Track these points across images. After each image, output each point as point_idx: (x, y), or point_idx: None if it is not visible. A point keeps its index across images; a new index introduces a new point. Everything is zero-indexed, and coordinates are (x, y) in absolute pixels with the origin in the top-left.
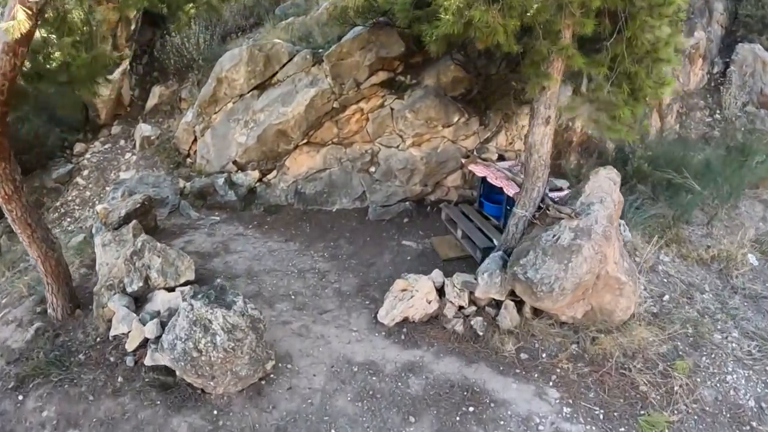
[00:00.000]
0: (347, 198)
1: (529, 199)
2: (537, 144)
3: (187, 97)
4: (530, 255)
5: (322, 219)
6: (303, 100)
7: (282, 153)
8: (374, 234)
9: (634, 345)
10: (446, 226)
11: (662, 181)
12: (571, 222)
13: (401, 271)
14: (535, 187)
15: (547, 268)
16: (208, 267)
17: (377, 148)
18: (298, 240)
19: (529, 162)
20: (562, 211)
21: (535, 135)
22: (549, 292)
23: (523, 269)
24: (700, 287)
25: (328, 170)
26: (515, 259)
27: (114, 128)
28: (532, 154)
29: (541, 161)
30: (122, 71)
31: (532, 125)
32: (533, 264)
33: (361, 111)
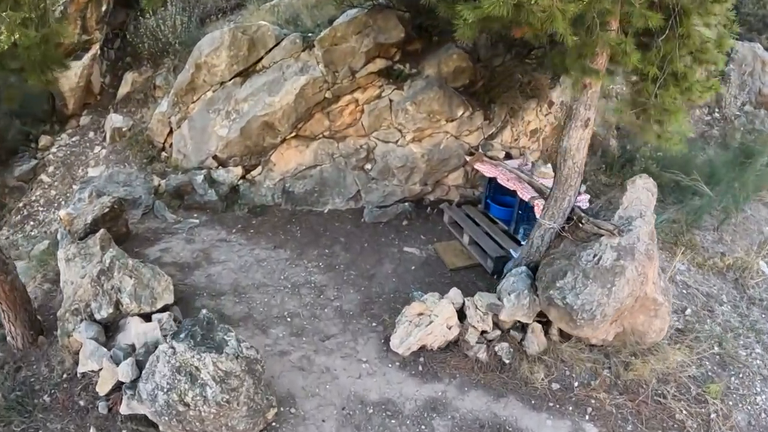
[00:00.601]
0: (340, 198)
1: (559, 210)
2: (572, 149)
3: (162, 85)
4: (568, 277)
5: (313, 221)
6: (292, 89)
7: (268, 147)
8: (372, 239)
9: (668, 369)
10: (449, 229)
11: (670, 183)
12: (612, 239)
13: (406, 283)
14: (566, 196)
15: (589, 293)
16: (188, 282)
17: (373, 143)
18: (288, 246)
19: (562, 168)
20: (601, 226)
21: (571, 139)
22: (590, 319)
23: (560, 293)
24: (719, 298)
25: (319, 167)
26: (550, 280)
27: (83, 119)
28: (566, 160)
29: (576, 168)
30: (92, 56)
31: (569, 128)
32: (572, 288)
33: (356, 102)
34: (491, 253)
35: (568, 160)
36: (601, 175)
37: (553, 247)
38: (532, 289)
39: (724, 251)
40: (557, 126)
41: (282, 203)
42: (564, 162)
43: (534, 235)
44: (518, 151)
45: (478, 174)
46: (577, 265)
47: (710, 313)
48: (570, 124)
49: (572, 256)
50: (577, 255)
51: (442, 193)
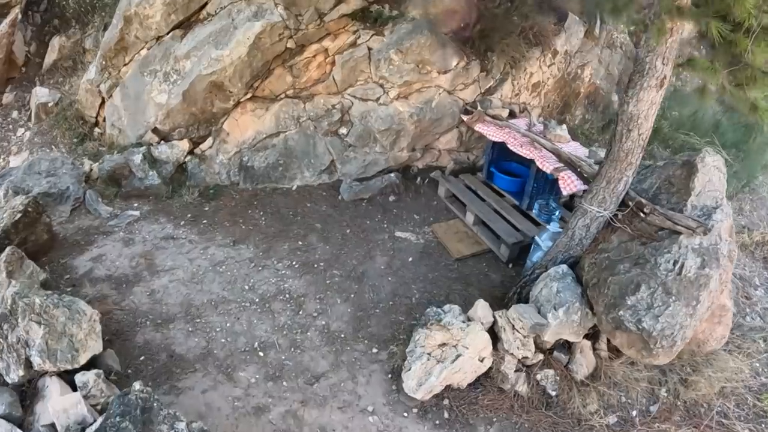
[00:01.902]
0: (310, 171)
1: (612, 194)
2: (641, 116)
3: (91, 48)
4: (643, 292)
5: (279, 203)
6: (244, 39)
7: (218, 114)
8: (354, 223)
9: (725, 380)
10: (446, 205)
11: (684, 145)
12: (692, 239)
13: (406, 282)
14: (623, 176)
15: (671, 314)
16: (126, 304)
17: (348, 102)
18: (251, 241)
19: (623, 141)
20: (678, 221)
21: (640, 102)
22: (670, 346)
23: (634, 314)
24: (752, 281)
25: (283, 134)
26: (618, 295)
27: (6, 96)
28: (631, 131)
29: (641, 141)
30: (11, 22)
31: (637, 87)
32: (649, 307)
33: (326, 52)
34: (506, 239)
35: (633, 131)
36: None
37: (603, 240)
38: (584, 300)
39: (746, 224)
40: (560, 78)
41: (240, 182)
42: (627, 132)
43: (575, 224)
44: (518, 107)
45: (474, 135)
46: (653, 276)
47: (748, 301)
48: (638, 83)
49: (644, 262)
50: (653, 261)
51: (432, 159)
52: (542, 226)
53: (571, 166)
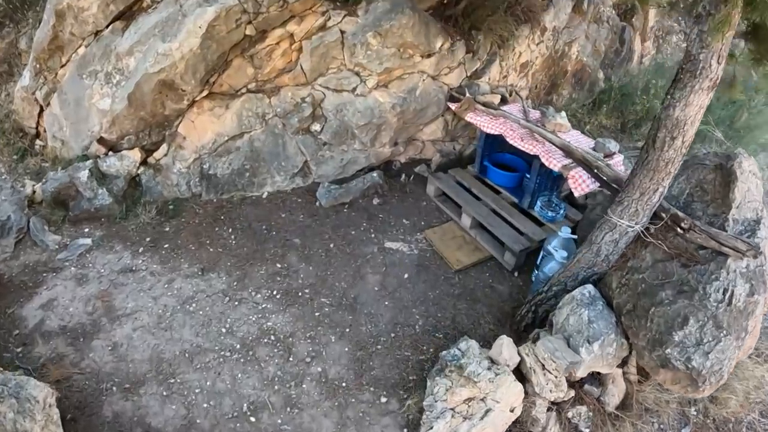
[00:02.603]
0: (282, 175)
1: (645, 206)
2: (688, 122)
3: (26, 49)
4: (691, 326)
5: (250, 215)
6: (195, 29)
7: (171, 116)
8: (337, 233)
9: (752, 391)
10: (437, 204)
11: None
12: (739, 263)
13: (405, 306)
14: (659, 187)
15: (722, 349)
16: (86, 365)
17: (320, 94)
18: (222, 266)
19: (664, 149)
20: (725, 242)
21: (689, 107)
22: (717, 381)
23: (682, 352)
24: None
25: (247, 135)
26: (663, 330)
27: None
28: (675, 138)
29: (683, 149)
30: None
31: (687, 90)
32: (698, 343)
33: (291, 38)
34: (512, 246)
35: (677, 138)
36: (601, 116)
37: (633, 256)
38: (619, 330)
39: None
40: (548, 57)
41: (202, 193)
42: (671, 140)
43: (601, 239)
44: (506, 89)
45: (460, 122)
46: (702, 308)
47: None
48: (689, 84)
49: (689, 290)
50: (701, 291)
51: (416, 152)
52: (546, 226)
53: (583, 164)
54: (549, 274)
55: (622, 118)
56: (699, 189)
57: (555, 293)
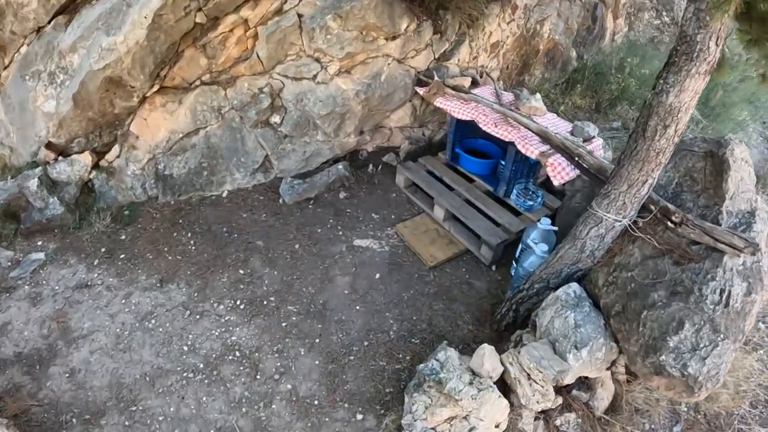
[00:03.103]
0: (242, 171)
1: (634, 198)
2: (682, 109)
3: None
4: (687, 329)
5: (209, 217)
6: (141, 19)
7: (122, 115)
8: (303, 233)
9: (742, 383)
10: (408, 196)
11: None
12: (736, 260)
13: (378, 309)
14: (648, 179)
15: (719, 353)
16: (44, 396)
17: (278, 83)
18: (182, 275)
19: (655, 138)
20: (720, 238)
21: (684, 92)
22: (713, 386)
23: (678, 359)
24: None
25: (203, 131)
26: (658, 336)
27: None
28: (668, 127)
29: (676, 138)
30: None
31: (682, 74)
32: (694, 348)
33: (245, 24)
34: (488, 239)
35: (670, 127)
36: (575, 97)
37: (619, 251)
38: (607, 332)
39: None
40: (519, 36)
41: (159, 195)
42: (663, 129)
43: (586, 233)
44: (476, 71)
45: (429, 107)
46: (698, 311)
47: None
48: (685, 68)
49: (684, 292)
50: (696, 293)
51: (383, 140)
52: (524, 215)
53: (563, 152)
54: (529, 270)
55: (597, 97)
56: (688, 178)
57: (537, 291)
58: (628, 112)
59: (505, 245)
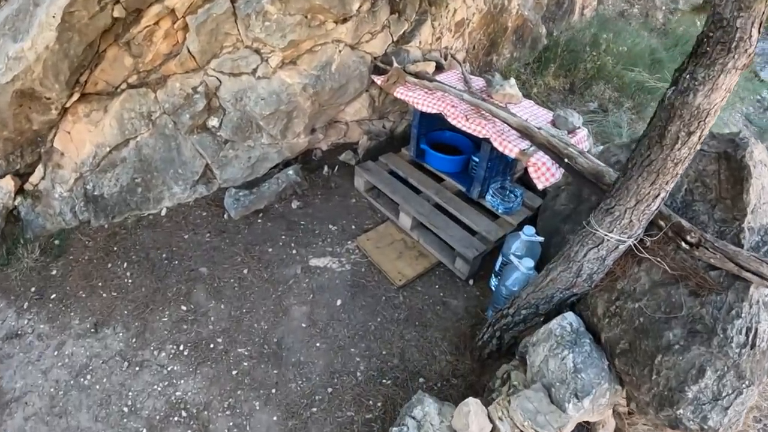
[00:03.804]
0: (180, 184)
1: (642, 215)
2: (712, 110)
3: None
4: (708, 378)
5: (147, 242)
6: (49, 20)
7: (42, 130)
8: (251, 254)
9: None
10: (369, 201)
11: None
12: (761, 290)
13: (341, 346)
14: (661, 192)
15: (742, 400)
16: None
17: (214, 80)
18: (118, 317)
19: (675, 147)
20: (747, 266)
21: (716, 90)
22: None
23: (697, 410)
24: None
25: (133, 141)
26: (674, 386)
27: None
28: (692, 133)
29: (699, 145)
30: None
31: (716, 69)
32: (715, 397)
33: (172, 14)
34: (464, 252)
35: (695, 133)
36: (549, 77)
37: (622, 274)
38: (612, 374)
39: None
40: (486, 13)
41: (90, 219)
42: (687, 135)
43: (583, 255)
44: (440, 53)
45: (388, 96)
46: (722, 355)
47: None
48: (720, 62)
49: (705, 332)
50: (720, 334)
51: (339, 136)
52: (502, 219)
53: (549, 152)
54: (513, 289)
55: (571, 77)
56: (699, 184)
57: (524, 318)
58: (604, 91)
59: (483, 256)
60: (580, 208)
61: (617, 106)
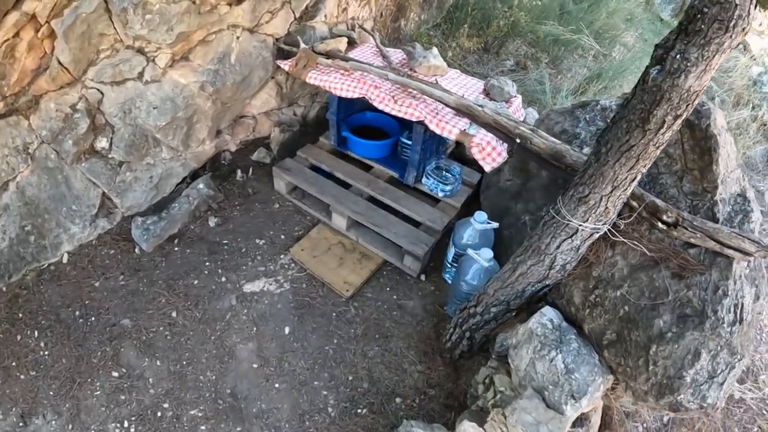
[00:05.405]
0: (78, 222)
1: (617, 201)
2: (700, 93)
3: None
4: (703, 359)
5: (54, 300)
6: None
7: None
8: (176, 292)
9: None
10: (294, 203)
11: (547, 38)
12: (742, 263)
13: (304, 382)
14: (638, 174)
15: (735, 373)
16: None
17: (94, 93)
18: (45, 401)
19: (660, 131)
20: (727, 242)
21: (709, 71)
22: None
23: (696, 392)
24: None
25: (13, 183)
26: (673, 374)
27: None
28: (678, 117)
29: (679, 125)
30: None
31: (711, 48)
32: (712, 375)
33: (34, 21)
34: (412, 249)
35: (681, 117)
36: (462, 38)
37: (596, 259)
38: (603, 366)
39: None
40: None
41: None
42: (674, 118)
43: (556, 247)
44: (347, 25)
45: (297, 81)
46: (714, 335)
47: None
48: (714, 40)
49: (696, 316)
50: (712, 316)
51: (247, 133)
52: (444, 203)
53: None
54: (474, 283)
55: (484, 36)
56: (663, 155)
57: (494, 315)
58: (520, 48)
59: (434, 249)
60: (530, 184)
61: (535, 62)
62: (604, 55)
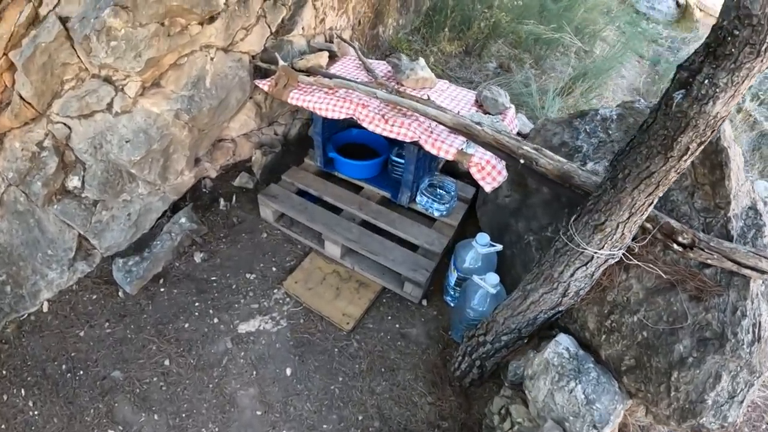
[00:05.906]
0: (55, 268)
1: (634, 226)
2: (727, 117)
3: None
4: (724, 381)
5: (38, 353)
6: None
7: None
8: (166, 336)
9: None
10: (283, 233)
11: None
12: (758, 282)
13: (311, 426)
14: (655, 199)
15: (754, 390)
16: None
17: (61, 128)
18: None
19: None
20: (744, 262)
21: (736, 97)
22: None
23: (718, 414)
24: None
25: None
26: (695, 399)
27: None
28: (702, 143)
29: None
30: None
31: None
32: (732, 395)
33: None
34: (412, 276)
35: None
36: (443, 43)
37: (609, 283)
38: (623, 393)
39: None
40: None
41: None
42: (698, 145)
43: (570, 275)
44: (325, 36)
45: (276, 101)
46: (735, 357)
47: None
48: (745, 65)
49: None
50: (732, 339)
51: (227, 158)
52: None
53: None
54: (481, 309)
55: (465, 39)
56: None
57: (505, 343)
58: (501, 49)
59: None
60: (531, 201)
61: (518, 64)
62: (585, 51)
